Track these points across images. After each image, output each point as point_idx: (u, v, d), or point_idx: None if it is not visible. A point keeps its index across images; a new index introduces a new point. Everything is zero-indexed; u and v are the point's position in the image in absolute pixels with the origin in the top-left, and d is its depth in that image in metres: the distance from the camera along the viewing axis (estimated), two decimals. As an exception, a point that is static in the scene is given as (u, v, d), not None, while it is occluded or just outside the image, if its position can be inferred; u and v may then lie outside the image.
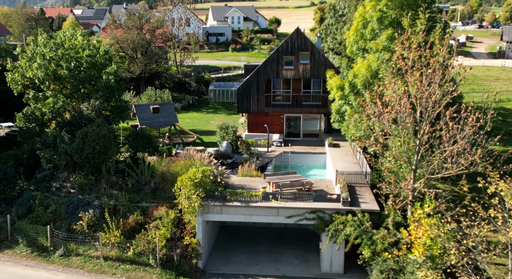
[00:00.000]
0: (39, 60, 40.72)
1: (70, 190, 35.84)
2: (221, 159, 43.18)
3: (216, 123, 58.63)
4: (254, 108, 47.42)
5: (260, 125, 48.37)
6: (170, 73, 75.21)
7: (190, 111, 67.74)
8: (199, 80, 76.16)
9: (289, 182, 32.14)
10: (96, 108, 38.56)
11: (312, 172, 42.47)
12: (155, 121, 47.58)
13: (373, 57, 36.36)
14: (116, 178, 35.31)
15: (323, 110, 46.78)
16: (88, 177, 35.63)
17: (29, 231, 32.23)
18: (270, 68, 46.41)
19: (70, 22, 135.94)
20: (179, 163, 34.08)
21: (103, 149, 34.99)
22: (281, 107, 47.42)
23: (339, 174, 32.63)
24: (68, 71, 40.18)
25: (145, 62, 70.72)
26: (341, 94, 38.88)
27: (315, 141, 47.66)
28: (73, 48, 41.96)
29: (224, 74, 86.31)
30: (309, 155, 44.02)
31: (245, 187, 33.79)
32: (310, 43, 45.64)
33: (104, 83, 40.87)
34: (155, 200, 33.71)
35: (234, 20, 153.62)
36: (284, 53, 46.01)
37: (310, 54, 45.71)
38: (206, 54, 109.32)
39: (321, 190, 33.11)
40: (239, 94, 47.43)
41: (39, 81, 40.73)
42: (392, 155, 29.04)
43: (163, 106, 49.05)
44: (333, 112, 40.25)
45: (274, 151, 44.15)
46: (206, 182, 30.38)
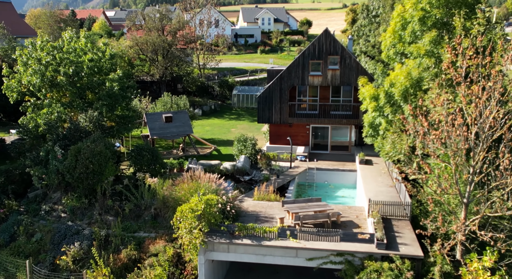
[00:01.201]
0: (33, 65, 35.64)
1: (61, 214, 30.58)
2: (237, 176, 37.49)
3: (238, 131, 52.94)
4: (276, 118, 41.44)
5: (283, 136, 42.38)
6: (192, 76, 69.76)
7: (211, 117, 62.17)
8: (222, 84, 70.51)
9: (312, 214, 26.09)
10: (95, 120, 33.18)
11: (340, 192, 36.27)
12: (168, 131, 42.07)
13: (414, 63, 30.32)
14: (112, 202, 29.87)
15: (354, 121, 40.48)
16: (81, 200, 30.29)
17: (7, 265, 27.03)
18: (294, 74, 40.35)
19: (99, 24, 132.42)
20: (183, 186, 28.40)
21: (98, 168, 29.60)
22: (307, 117, 41.30)
23: (373, 204, 26.39)
24: (66, 77, 34.93)
25: (165, 65, 65.44)
26: (375, 105, 32.69)
27: (344, 156, 41.39)
28: (72, 51, 36.71)
29: (250, 77, 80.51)
30: (338, 172, 37.79)
31: (259, 216, 27.92)
32: (340, 46, 39.41)
33: (107, 91, 35.49)
34: (154, 230, 28.14)
35: (264, 21, 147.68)
36: (310, 57, 39.87)
37: (340, 58, 39.47)
38: (233, 56, 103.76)
39: (350, 221, 26.95)
40: (259, 102, 41.50)
41: (34, 89, 35.64)
42: (437, 183, 22.77)
43: (177, 115, 43.50)
44: (365, 125, 34.04)
45: (297, 167, 38.09)
46: (211, 213, 24.60)
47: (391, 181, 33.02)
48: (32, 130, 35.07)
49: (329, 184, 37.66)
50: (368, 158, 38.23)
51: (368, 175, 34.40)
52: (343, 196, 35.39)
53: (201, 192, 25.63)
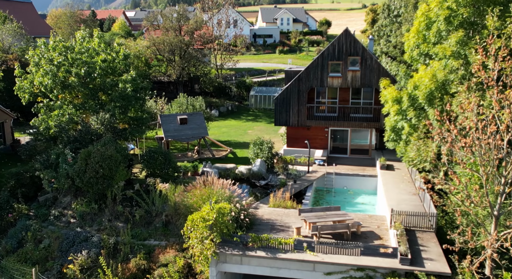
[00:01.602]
0: (45, 65, 34.52)
1: (70, 220, 29.34)
2: (253, 180, 36.01)
3: (254, 133, 51.43)
4: (294, 120, 39.79)
5: (301, 139, 40.73)
6: (209, 77, 68.39)
7: (228, 118, 60.74)
8: (240, 84, 69.02)
9: (331, 224, 24.40)
10: (106, 122, 31.90)
11: (360, 199, 34.49)
12: (182, 134, 40.70)
13: (439, 64, 28.55)
14: (123, 208, 28.52)
15: (375, 124, 38.64)
16: (91, 206, 29.01)
17: (14, 272, 25.86)
18: (313, 75, 38.65)
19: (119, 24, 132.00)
20: (195, 192, 26.93)
21: (108, 172, 28.30)
22: (326, 120, 39.56)
23: (395, 215, 24.62)
24: (77, 78, 33.72)
25: (182, 65, 64.18)
26: (398, 109, 30.96)
27: (364, 160, 39.56)
28: (85, 52, 35.50)
29: (268, 77, 78.89)
30: (357, 177, 35.99)
31: (275, 224, 26.33)
32: (361, 46, 37.60)
33: (119, 93, 34.21)
34: (165, 238, 26.74)
35: (283, 21, 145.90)
36: (330, 58, 38.14)
37: (361, 59, 37.67)
38: (252, 56, 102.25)
39: (371, 232, 25.21)
40: (277, 104, 39.89)
41: (45, 90, 34.51)
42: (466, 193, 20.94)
43: (192, 117, 42.11)
44: (387, 129, 32.29)
45: (315, 172, 36.41)
46: (224, 222, 23.10)
47: (414, 188, 31.17)
48: (43, 132, 33.95)
49: (349, 190, 35.92)
50: (389, 163, 36.40)
51: (390, 181, 32.58)
52: (363, 203, 33.62)
53: (213, 200, 24.12)
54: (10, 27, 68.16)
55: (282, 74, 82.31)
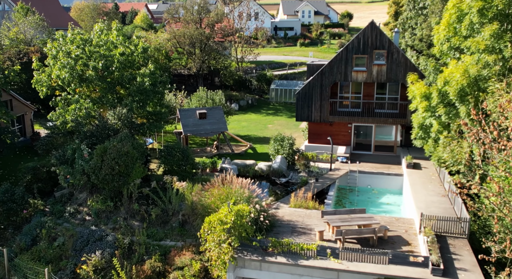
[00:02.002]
0: (62, 58, 33.32)
1: (86, 217, 28.15)
2: (273, 177, 34.43)
3: (275, 128, 49.84)
4: (316, 116, 38.02)
5: (323, 135, 38.97)
6: (230, 70, 66.78)
7: (248, 112, 59.13)
8: (260, 78, 67.24)
9: (356, 229, 22.70)
10: (123, 117, 30.54)
11: (385, 198, 32.67)
12: (201, 129, 39.25)
13: (471, 59, 26.62)
14: (139, 206, 27.19)
15: (401, 120, 36.65)
16: (106, 203, 27.75)
17: (27, 271, 24.76)
18: (337, 69, 36.79)
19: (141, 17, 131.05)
20: (213, 192, 25.43)
21: (124, 169, 26.99)
22: (349, 116, 37.68)
23: (425, 219, 22.82)
24: (95, 71, 32.41)
25: (202, 58, 62.67)
26: (427, 105, 29.06)
27: (389, 157, 37.65)
28: (102, 45, 34.16)
29: (289, 71, 76.98)
30: (382, 176, 34.15)
31: (296, 226, 24.77)
32: (387, 39, 35.59)
33: (137, 87, 32.81)
34: (181, 238, 25.35)
35: (305, 14, 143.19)
36: (354, 51, 36.22)
37: (387, 53, 35.67)
38: (272, 49, 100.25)
39: (398, 237, 23.47)
40: (298, 99, 38.13)
41: (63, 83, 33.31)
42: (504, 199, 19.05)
43: (212, 111, 40.62)
44: (415, 126, 30.40)
45: (338, 170, 34.65)
46: (243, 225, 21.59)
47: (443, 189, 29.26)
48: (60, 127, 32.77)
49: (373, 189, 34.11)
50: (416, 161, 34.49)
51: (417, 181, 30.70)
52: (388, 203, 31.80)
53: (232, 201, 22.59)
54: (32, 20, 67.37)
55: (303, 67, 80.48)
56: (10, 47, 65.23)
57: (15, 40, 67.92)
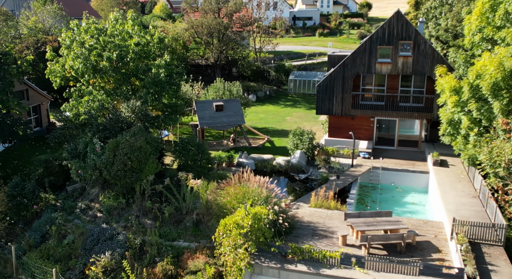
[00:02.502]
0: (76, 48, 31.62)
1: (97, 214, 26.51)
2: (292, 173, 32.52)
3: (293, 120, 47.80)
4: (337, 109, 35.84)
5: (344, 129, 36.85)
6: (248, 60, 64.66)
7: (266, 103, 57.08)
8: (278, 68, 65.03)
9: (382, 234, 20.67)
10: (137, 110, 28.73)
11: (410, 197, 30.50)
12: (218, 121, 37.40)
13: (506, 51, 24.34)
14: (151, 204, 25.43)
15: (427, 115, 34.32)
16: (118, 200, 26.07)
17: (35, 270, 23.25)
18: (360, 61, 34.52)
19: (160, 6, 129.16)
20: (229, 190, 23.54)
21: (137, 165, 25.24)
22: (372, 109, 35.44)
23: (458, 225, 20.70)
24: (109, 62, 30.62)
25: (220, 48, 60.63)
26: (457, 100, 26.86)
27: (413, 153, 35.40)
28: (118, 34, 32.31)
29: (308, 61, 74.60)
30: (407, 173, 31.97)
31: (317, 229, 22.85)
32: (414, 30, 33.19)
33: (152, 78, 30.94)
34: (195, 239, 23.58)
35: (323, 3, 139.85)
36: (379, 42, 33.90)
37: (413, 44, 33.29)
38: (291, 39, 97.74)
39: (427, 242, 21.41)
40: (319, 92, 35.97)
41: (76, 74, 31.61)
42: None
43: (229, 103, 38.71)
44: (443, 121, 28.22)
45: (360, 166, 32.56)
46: (261, 229, 19.73)
47: (473, 189, 27.03)
48: (72, 119, 31.10)
49: (396, 186, 31.97)
50: (443, 158, 32.23)
51: (445, 180, 28.49)
52: (413, 202, 29.65)
53: (249, 203, 20.68)
54: (51, 9, 65.91)
55: (323, 58, 78.05)
56: (28, 36, 63.98)
57: (33, 29, 66.63)
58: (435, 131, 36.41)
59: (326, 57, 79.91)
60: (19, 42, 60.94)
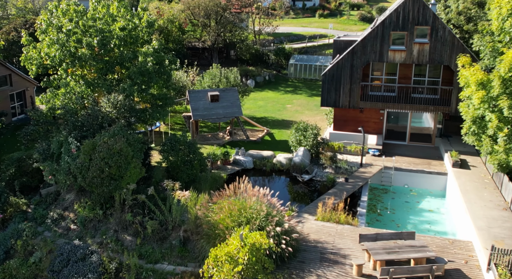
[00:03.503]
0: (52, 33, 26.91)
1: (70, 226, 22.24)
2: (294, 173, 28.17)
3: (294, 109, 43.31)
4: (344, 101, 31.26)
5: (351, 122, 32.44)
6: (246, 43, 59.59)
7: (265, 89, 52.36)
8: (278, 52, 60.01)
9: (407, 267, 16.38)
10: (120, 105, 24.18)
11: (426, 203, 26.24)
12: (213, 113, 32.87)
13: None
14: (132, 217, 21.09)
15: (444, 108, 29.79)
16: (95, 211, 21.75)
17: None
18: (371, 48, 29.84)
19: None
20: (223, 205, 19.13)
21: (116, 171, 20.88)
22: (383, 102, 30.89)
23: (497, 254, 16.44)
24: (89, 49, 25.90)
25: (218, 31, 55.59)
26: (484, 95, 22.38)
27: (427, 149, 31.07)
28: (100, 18, 27.46)
29: (308, 43, 69.55)
30: (422, 174, 27.66)
31: (325, 251, 18.65)
32: (432, 14, 28.44)
33: (138, 68, 26.26)
34: (182, 261, 19.33)
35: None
36: (392, 27, 29.18)
37: (431, 29, 28.59)
38: (291, 21, 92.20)
39: (457, 271, 17.21)
40: (324, 82, 31.33)
41: (52, 62, 26.93)
42: None
43: (225, 93, 34.10)
44: (467, 119, 23.79)
45: (370, 166, 28.23)
46: (259, 260, 15.44)
47: (501, 197, 22.78)
48: (47, 113, 26.46)
49: (411, 189, 27.70)
50: (462, 156, 27.87)
51: (468, 186, 24.16)
52: (430, 210, 25.36)
53: (246, 230, 16.28)
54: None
55: (323, 40, 73.10)
56: (16, 16, 58.90)
57: (23, 10, 61.48)
58: (450, 124, 32.01)
59: (327, 39, 75.13)
60: (6, 23, 55.93)
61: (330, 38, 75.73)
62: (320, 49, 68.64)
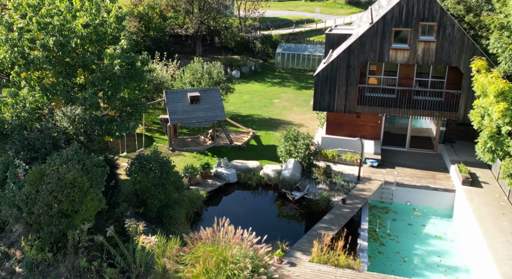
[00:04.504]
0: (1, 33, 21.96)
1: (15, 268, 17.86)
2: (283, 190, 24.00)
3: (282, 104, 39.00)
4: (339, 105, 26.87)
5: (346, 125, 28.28)
6: (231, 30, 54.43)
7: (251, 80, 47.68)
8: (265, 40, 55.06)
9: None
10: (78, 120, 19.54)
11: (432, 226, 22.25)
12: (193, 116, 28.35)
13: None
14: (87, 263, 16.73)
15: (451, 114, 25.57)
16: (43, 252, 17.35)
17: None
18: (370, 46, 25.36)
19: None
20: (198, 252, 14.78)
21: (69, 206, 16.45)
22: (382, 106, 26.56)
23: None
24: (45, 50, 21.04)
25: (201, 18, 50.38)
26: (505, 108, 18.39)
27: (429, 157, 27.10)
28: (59, 13, 22.44)
29: (295, 29, 64.68)
30: (426, 191, 23.63)
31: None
32: (439, 8, 23.98)
33: (103, 73, 21.48)
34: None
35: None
36: (394, 23, 24.67)
37: (438, 26, 24.17)
38: (276, 4, 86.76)
39: None
40: (317, 83, 26.84)
41: (1, 66, 22.03)
42: None
43: (206, 94, 29.51)
44: (482, 135, 19.84)
45: (369, 181, 24.13)
46: None
47: (525, 228, 18.86)
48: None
49: (414, 207, 23.70)
50: (470, 169, 23.88)
51: (483, 211, 20.18)
52: (437, 236, 21.35)
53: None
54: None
55: (311, 25, 68.32)
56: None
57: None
58: (453, 127, 27.98)
59: (314, 24, 70.16)
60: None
61: (317, 22, 70.93)
62: (308, 35, 63.95)
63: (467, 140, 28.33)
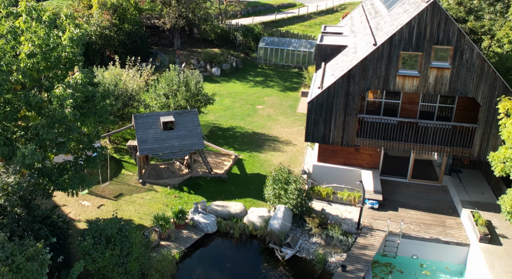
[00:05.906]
0: None
1: None
2: (271, 245, 19.37)
3: (266, 112, 34.19)
4: (336, 137, 21.91)
5: (340, 153, 23.57)
6: (211, 22, 48.14)
7: (232, 79, 42.07)
8: (247, 32, 49.00)
9: None
10: (13, 190, 14.17)
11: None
12: (166, 145, 23.10)
13: None
14: None
15: (465, 151, 20.87)
16: None
17: None
18: (373, 72, 20.28)
19: None
20: None
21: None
22: (385, 139, 21.66)
23: None
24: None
25: (179, 12, 44.02)
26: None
27: (433, 191, 22.68)
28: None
29: (277, 15, 58.70)
30: (435, 244, 19.28)
31: None
32: (457, 30, 18.91)
33: (49, 117, 15.96)
34: None
35: None
36: (403, 46, 19.57)
37: (454, 51, 19.17)
38: (257, -14, 79.93)
39: None
40: (310, 111, 21.74)
41: None
42: None
43: (182, 117, 24.19)
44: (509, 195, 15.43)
45: (370, 231, 19.63)
46: None
47: None
48: None
49: (421, 264, 19.38)
50: (485, 215, 19.56)
51: (514, 290, 15.94)
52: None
53: None
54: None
55: (293, 11, 62.52)
56: None
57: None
58: (458, 160, 23.54)
59: (296, 9, 64.14)
60: None
61: (299, 7, 65.05)
62: (290, 22, 58.23)
63: (474, 168, 24.01)
